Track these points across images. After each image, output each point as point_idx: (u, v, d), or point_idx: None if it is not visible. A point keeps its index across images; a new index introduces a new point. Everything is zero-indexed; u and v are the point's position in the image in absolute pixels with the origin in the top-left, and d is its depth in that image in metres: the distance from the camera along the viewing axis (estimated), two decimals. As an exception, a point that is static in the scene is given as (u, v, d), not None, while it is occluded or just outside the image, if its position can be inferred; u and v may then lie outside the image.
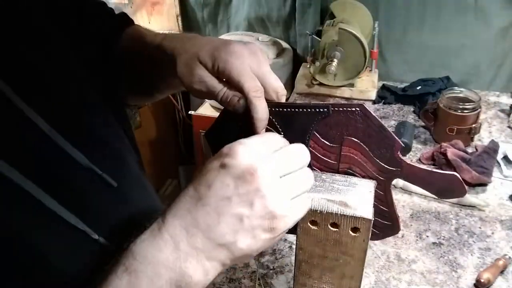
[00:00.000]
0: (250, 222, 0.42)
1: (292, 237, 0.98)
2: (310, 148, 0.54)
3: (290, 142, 0.54)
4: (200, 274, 0.42)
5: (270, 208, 0.42)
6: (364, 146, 0.52)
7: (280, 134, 0.53)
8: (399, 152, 0.52)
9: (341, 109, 0.51)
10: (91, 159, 0.55)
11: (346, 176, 0.54)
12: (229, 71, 0.52)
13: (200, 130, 1.82)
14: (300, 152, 0.47)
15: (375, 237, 0.59)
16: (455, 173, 0.52)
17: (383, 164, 0.53)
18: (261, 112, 0.51)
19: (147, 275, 0.41)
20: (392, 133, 0.51)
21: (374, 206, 0.51)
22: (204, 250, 0.42)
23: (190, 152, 2.22)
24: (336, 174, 0.54)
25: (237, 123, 0.55)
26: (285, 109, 0.52)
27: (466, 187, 0.53)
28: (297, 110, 0.52)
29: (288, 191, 0.44)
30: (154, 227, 0.43)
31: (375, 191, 0.53)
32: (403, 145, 0.52)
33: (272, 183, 0.43)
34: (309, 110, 0.52)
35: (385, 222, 0.58)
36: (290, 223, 0.44)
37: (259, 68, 0.53)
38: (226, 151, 0.44)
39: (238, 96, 0.52)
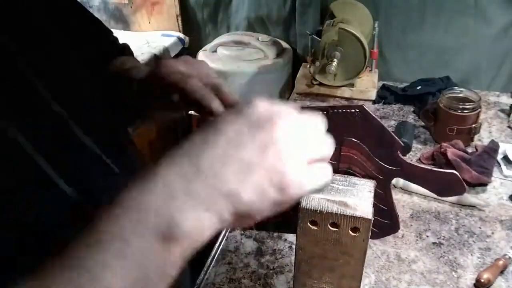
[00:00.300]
0: (260, 173, 0.36)
1: (292, 237, 0.98)
2: None
3: None
4: (192, 225, 0.36)
5: (284, 161, 0.37)
6: (364, 146, 0.52)
7: None
8: (398, 152, 0.52)
9: (340, 111, 0.51)
10: (96, 144, 0.57)
11: (346, 176, 0.54)
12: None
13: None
14: (319, 119, 0.41)
15: (374, 236, 0.59)
16: (454, 171, 0.52)
17: (383, 164, 0.53)
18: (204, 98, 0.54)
19: (129, 219, 0.35)
20: (392, 133, 0.51)
21: (374, 205, 0.51)
22: (203, 198, 0.36)
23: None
24: (336, 174, 0.54)
25: None
26: None
27: (466, 186, 0.53)
28: None
29: (307, 152, 0.39)
30: (146, 175, 0.37)
31: (375, 190, 0.53)
32: (402, 144, 0.51)
33: (291, 137, 0.38)
34: None
35: (385, 221, 0.58)
36: (303, 189, 0.38)
37: (188, 65, 0.57)
38: (244, 103, 0.39)
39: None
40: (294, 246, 0.96)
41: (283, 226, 0.61)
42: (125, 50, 0.82)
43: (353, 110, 0.50)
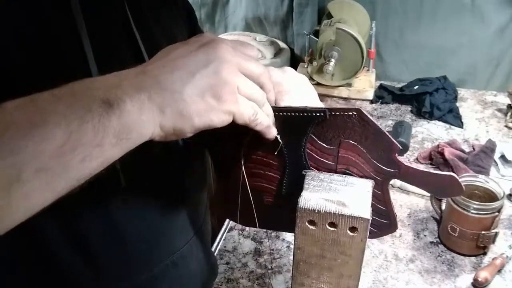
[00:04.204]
0: (202, 79, 0.41)
1: (290, 237, 0.98)
2: (308, 150, 0.54)
3: (286, 145, 0.54)
4: (133, 106, 0.38)
5: (224, 74, 0.42)
6: (362, 148, 0.52)
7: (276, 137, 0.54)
8: (396, 154, 0.52)
9: (337, 113, 0.51)
10: None
11: (344, 175, 0.54)
12: None
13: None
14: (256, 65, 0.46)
15: (372, 235, 0.59)
16: (452, 173, 0.52)
17: (380, 166, 0.53)
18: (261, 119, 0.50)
19: (82, 87, 0.37)
20: (390, 136, 0.51)
21: (372, 205, 0.51)
22: (147, 87, 0.39)
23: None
24: (334, 174, 0.54)
25: (238, 129, 0.55)
26: (281, 113, 0.52)
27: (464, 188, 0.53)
28: (293, 114, 0.52)
29: (243, 85, 0.44)
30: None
31: (373, 190, 0.53)
32: (400, 147, 0.51)
33: (232, 59, 0.43)
34: (305, 114, 0.51)
35: (383, 221, 0.58)
36: (238, 107, 0.43)
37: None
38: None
39: None
40: (292, 246, 0.96)
41: (282, 225, 0.61)
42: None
43: (351, 113, 0.50)
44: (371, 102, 1.55)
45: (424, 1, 1.57)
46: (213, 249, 0.98)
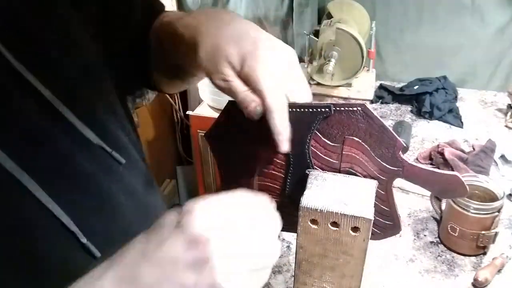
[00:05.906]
0: None
1: (289, 237, 0.98)
2: (312, 147, 0.54)
3: (292, 142, 0.54)
4: None
5: (218, 281, 0.38)
6: (366, 146, 0.52)
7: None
8: (400, 152, 0.52)
9: (342, 108, 0.51)
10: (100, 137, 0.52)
11: (347, 175, 0.54)
12: (254, 79, 0.50)
13: (198, 130, 1.82)
14: (268, 225, 0.45)
15: (376, 237, 0.59)
16: (456, 173, 0.52)
17: (384, 164, 0.53)
18: (279, 126, 0.49)
19: None
20: (394, 133, 0.51)
21: (376, 205, 0.51)
22: None
23: (188, 153, 2.21)
24: (338, 174, 0.54)
25: (241, 127, 0.55)
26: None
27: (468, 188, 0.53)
28: (298, 109, 0.52)
29: (244, 265, 0.40)
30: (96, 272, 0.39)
31: (377, 191, 0.53)
32: (404, 145, 0.51)
33: (226, 255, 0.39)
34: (310, 110, 0.52)
35: (387, 222, 0.58)
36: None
37: (286, 77, 0.51)
38: (186, 208, 0.40)
39: (256, 102, 0.49)
40: (291, 246, 0.96)
41: (285, 225, 0.61)
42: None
43: (355, 108, 0.51)
44: (371, 102, 1.55)
45: (424, 1, 1.57)
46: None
